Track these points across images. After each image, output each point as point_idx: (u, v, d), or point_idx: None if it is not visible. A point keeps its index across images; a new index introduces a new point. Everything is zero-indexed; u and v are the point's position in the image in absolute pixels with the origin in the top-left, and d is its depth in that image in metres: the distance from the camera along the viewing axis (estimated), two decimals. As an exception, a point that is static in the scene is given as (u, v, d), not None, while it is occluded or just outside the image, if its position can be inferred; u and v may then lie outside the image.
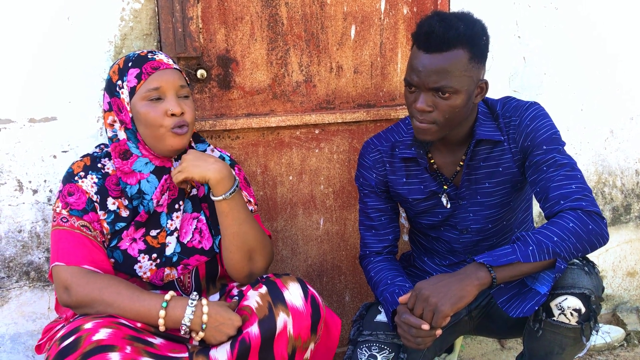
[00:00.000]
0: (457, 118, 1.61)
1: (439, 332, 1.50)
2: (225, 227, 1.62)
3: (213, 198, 1.60)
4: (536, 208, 2.53)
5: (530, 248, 1.46)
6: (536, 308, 1.48)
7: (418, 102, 1.57)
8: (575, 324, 1.56)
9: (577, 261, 1.60)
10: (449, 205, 1.77)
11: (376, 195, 1.84)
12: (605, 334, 2.50)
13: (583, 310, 1.54)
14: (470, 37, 1.54)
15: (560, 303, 1.55)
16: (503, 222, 1.80)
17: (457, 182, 1.76)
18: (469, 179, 1.74)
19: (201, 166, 1.57)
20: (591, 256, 1.97)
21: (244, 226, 1.62)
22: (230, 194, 1.59)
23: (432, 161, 1.76)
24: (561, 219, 1.49)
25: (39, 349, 1.63)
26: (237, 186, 1.61)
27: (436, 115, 1.58)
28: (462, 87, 1.56)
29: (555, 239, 1.47)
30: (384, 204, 1.85)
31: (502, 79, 2.38)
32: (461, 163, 1.74)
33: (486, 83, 1.63)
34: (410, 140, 1.76)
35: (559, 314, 1.56)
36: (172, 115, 1.56)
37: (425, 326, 1.47)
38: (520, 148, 1.69)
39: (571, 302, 1.54)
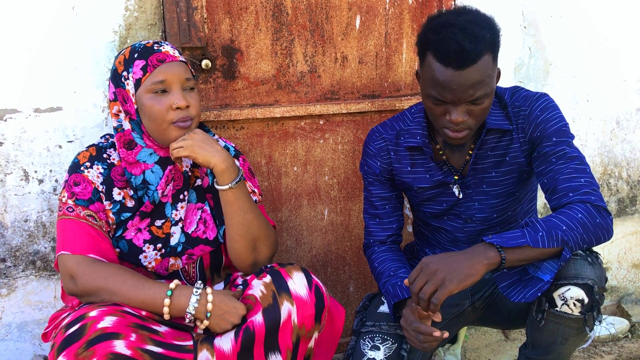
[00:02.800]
0: (486, 115, 1.63)
1: (446, 334, 1.51)
2: (230, 217, 1.62)
3: (218, 187, 1.60)
4: (541, 199, 2.52)
5: (540, 234, 1.46)
6: (539, 294, 1.48)
7: (453, 115, 1.56)
8: (578, 314, 1.56)
9: (581, 252, 1.60)
10: (461, 195, 1.77)
11: (380, 184, 1.84)
12: (610, 326, 2.49)
13: (586, 300, 1.54)
14: (495, 42, 1.56)
15: (563, 293, 1.55)
16: (508, 212, 1.80)
17: (465, 172, 1.76)
18: (475, 168, 1.74)
19: (207, 150, 1.56)
20: (596, 247, 1.96)
21: (249, 215, 1.62)
22: (236, 182, 1.59)
23: (441, 152, 1.76)
24: (570, 210, 1.50)
25: (45, 337, 1.64)
26: (242, 175, 1.61)
27: (471, 121, 1.58)
28: (492, 88, 1.58)
29: (564, 227, 1.47)
30: (388, 193, 1.85)
31: (508, 69, 2.37)
32: (470, 152, 1.73)
33: (499, 69, 1.65)
34: (415, 129, 1.76)
35: (562, 305, 1.56)
36: (177, 108, 1.56)
37: (437, 333, 1.48)
38: (529, 138, 1.69)
39: (574, 293, 1.54)
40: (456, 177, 1.76)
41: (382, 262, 1.79)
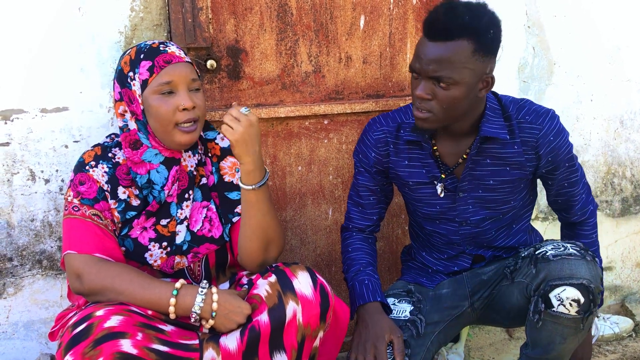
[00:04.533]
0: (457, 110, 1.60)
1: None
2: (249, 217, 1.63)
3: (242, 185, 1.60)
4: (543, 200, 2.52)
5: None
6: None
7: (417, 89, 1.57)
8: (575, 314, 1.57)
9: (577, 251, 1.61)
10: (442, 195, 1.77)
11: (370, 175, 1.85)
12: (614, 325, 2.49)
13: (582, 300, 1.55)
14: (475, 29, 1.52)
15: (559, 294, 1.56)
16: (500, 215, 1.80)
17: (459, 174, 1.76)
18: (472, 174, 1.74)
19: (248, 146, 1.55)
20: (600, 246, 1.98)
21: (267, 217, 1.63)
22: (259, 185, 1.60)
23: (435, 148, 1.76)
24: (593, 227, 1.89)
25: (52, 336, 1.65)
26: (267, 179, 1.62)
27: (434, 105, 1.57)
28: (462, 79, 1.54)
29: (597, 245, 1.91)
30: (375, 185, 1.86)
31: (511, 69, 2.37)
32: (464, 156, 1.73)
33: (492, 78, 1.62)
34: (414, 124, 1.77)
35: (558, 305, 1.57)
36: (184, 109, 1.57)
37: None
38: (540, 156, 1.70)
39: (570, 293, 1.55)
40: (443, 176, 1.76)
41: (356, 250, 1.84)
